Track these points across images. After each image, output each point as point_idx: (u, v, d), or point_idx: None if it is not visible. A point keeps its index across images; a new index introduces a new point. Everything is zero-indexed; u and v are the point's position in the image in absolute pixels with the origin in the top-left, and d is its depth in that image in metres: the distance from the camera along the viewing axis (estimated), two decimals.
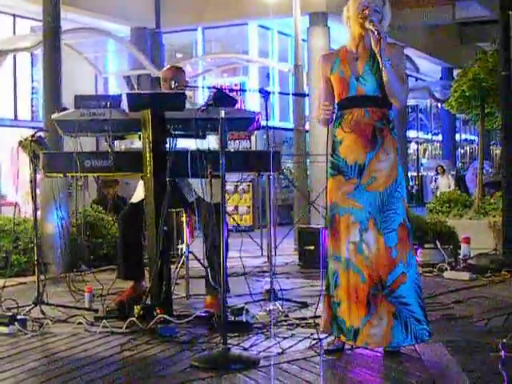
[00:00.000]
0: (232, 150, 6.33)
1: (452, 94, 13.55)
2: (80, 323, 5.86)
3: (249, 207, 18.97)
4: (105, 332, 5.57)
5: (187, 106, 5.94)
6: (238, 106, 6.15)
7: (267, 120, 6.36)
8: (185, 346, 5.16)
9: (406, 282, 4.83)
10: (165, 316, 5.58)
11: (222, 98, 5.24)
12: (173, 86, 6.41)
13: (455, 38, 23.69)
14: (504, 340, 5.04)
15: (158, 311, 5.62)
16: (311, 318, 5.90)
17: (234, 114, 5.61)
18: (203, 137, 5.89)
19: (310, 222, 12.70)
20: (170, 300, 5.88)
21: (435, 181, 21.98)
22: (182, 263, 6.96)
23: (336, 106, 5.05)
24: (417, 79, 25.39)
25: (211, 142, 6.17)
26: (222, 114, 4.85)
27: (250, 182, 18.01)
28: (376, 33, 4.75)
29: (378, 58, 4.78)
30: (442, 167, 21.77)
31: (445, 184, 21.00)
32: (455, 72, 23.16)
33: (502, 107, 8.81)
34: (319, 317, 5.78)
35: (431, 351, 4.96)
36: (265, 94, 6.02)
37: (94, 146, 14.94)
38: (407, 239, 4.88)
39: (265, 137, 19.19)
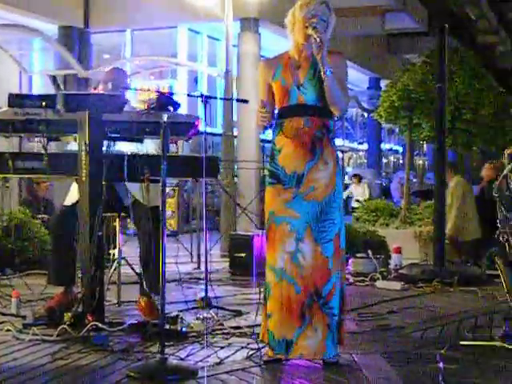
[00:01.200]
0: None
1: (381, 104, 13.62)
2: (8, 330, 5.64)
3: (173, 212, 18.79)
4: (35, 340, 5.38)
5: (125, 108, 5.80)
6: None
7: (206, 125, 6.28)
8: (120, 355, 5.01)
9: (336, 292, 4.80)
10: (97, 323, 5.43)
11: (165, 101, 5.12)
12: (109, 88, 6.27)
13: (382, 48, 23.93)
14: (441, 351, 5.05)
15: (90, 318, 5.46)
16: (247, 327, 5.82)
17: (175, 118, 5.48)
18: (140, 141, 5.77)
19: (236, 229, 12.60)
20: (102, 307, 5.72)
21: (348, 189, 22.09)
22: (114, 268, 6.80)
23: (276, 114, 4.99)
24: None
25: (149, 146, 6.05)
26: (165, 117, 4.74)
27: (175, 186, 17.85)
28: (318, 39, 4.70)
29: (320, 64, 4.73)
30: (358, 176, 21.93)
31: (360, 193, 21.16)
32: (382, 82, 23.39)
33: (436, 119, 8.87)
34: (256, 326, 5.75)
35: (370, 362, 4.93)
36: (205, 99, 5.93)
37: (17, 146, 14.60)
38: (340, 248, 4.85)
39: (190, 142, 19.13)
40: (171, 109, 4.93)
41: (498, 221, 5.61)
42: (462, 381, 4.58)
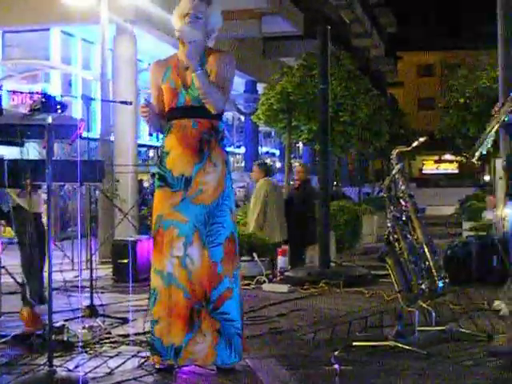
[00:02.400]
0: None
1: (260, 106, 13.65)
2: None
3: (49, 218, 18.30)
4: None
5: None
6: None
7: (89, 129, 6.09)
8: (4, 368, 4.79)
9: (232, 298, 4.71)
10: None
11: (51, 102, 4.91)
12: None
13: (259, 51, 24.03)
14: (336, 353, 5.04)
15: None
16: (135, 334, 5.67)
17: (59, 120, 5.26)
18: (21, 144, 5.54)
19: (114, 235, 12.35)
20: None
21: None
22: None
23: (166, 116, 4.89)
24: None
25: (30, 149, 5.83)
26: (50, 120, 4.55)
27: None
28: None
29: (189, 63, 4.66)
30: None
31: (241, 196, 21.24)
32: (259, 86, 23.47)
33: (320, 120, 8.89)
34: (145, 333, 5.61)
35: (266, 367, 4.87)
36: (87, 101, 5.76)
37: None
38: (234, 253, 4.77)
39: (64, 146, 18.69)
40: (59, 110, 4.74)
41: (387, 220, 5.63)
42: (358, 382, 4.58)
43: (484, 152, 5.08)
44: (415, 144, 5.79)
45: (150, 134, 18.34)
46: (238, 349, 4.72)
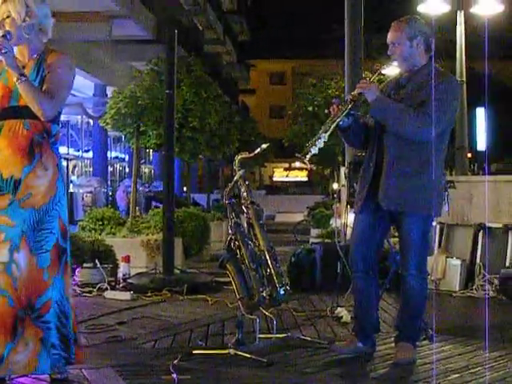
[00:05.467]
0: None
1: (108, 111, 13.41)
2: None
3: None
4: None
5: None
6: None
7: None
8: None
9: (53, 306, 4.54)
10: None
11: None
12: None
13: (109, 55, 23.65)
14: (175, 361, 4.97)
15: None
16: None
17: None
18: None
19: None
20: None
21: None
22: None
23: None
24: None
25: None
26: None
27: None
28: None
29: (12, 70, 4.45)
30: None
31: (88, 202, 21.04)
32: (108, 89, 23.10)
33: (165, 125, 8.81)
34: None
35: (101, 376, 4.75)
36: None
37: None
38: (58, 260, 4.58)
39: None
40: None
41: (228, 227, 5.59)
42: None
43: (315, 152, 5.10)
44: (257, 151, 5.80)
45: None
46: (52, 359, 4.51)
